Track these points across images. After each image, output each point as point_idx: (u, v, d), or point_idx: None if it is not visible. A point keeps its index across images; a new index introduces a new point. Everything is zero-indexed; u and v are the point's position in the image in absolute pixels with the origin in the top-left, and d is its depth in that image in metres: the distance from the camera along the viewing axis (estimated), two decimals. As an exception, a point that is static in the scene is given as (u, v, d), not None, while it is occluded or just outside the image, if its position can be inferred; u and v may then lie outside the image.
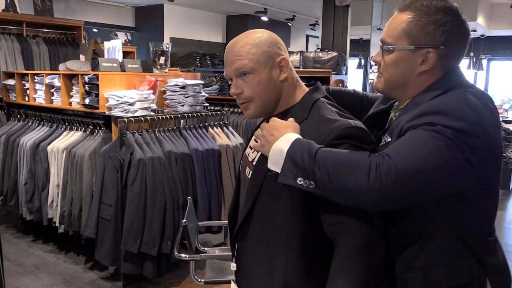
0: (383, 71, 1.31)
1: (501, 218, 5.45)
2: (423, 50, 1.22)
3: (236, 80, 1.33)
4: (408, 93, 1.29)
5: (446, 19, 1.21)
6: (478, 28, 9.37)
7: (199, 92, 3.79)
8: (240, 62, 1.29)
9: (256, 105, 1.33)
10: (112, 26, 8.01)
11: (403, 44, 1.24)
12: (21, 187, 4.11)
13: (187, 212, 2.56)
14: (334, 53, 5.77)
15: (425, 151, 1.09)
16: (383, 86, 1.33)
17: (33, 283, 3.49)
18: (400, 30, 1.25)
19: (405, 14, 1.25)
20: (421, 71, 1.25)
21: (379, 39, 1.35)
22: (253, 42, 1.30)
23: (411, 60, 1.24)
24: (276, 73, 1.32)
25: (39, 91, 4.22)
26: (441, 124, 1.10)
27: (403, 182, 1.08)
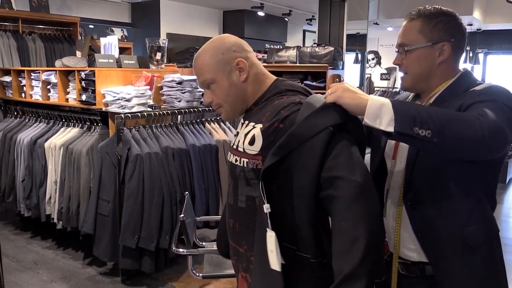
0: (407, 70, 1.51)
1: (498, 212, 5.47)
2: (439, 44, 1.46)
3: (206, 91, 1.46)
4: (433, 83, 1.50)
5: (449, 19, 1.48)
6: (474, 22, 9.37)
7: (196, 88, 3.79)
8: (202, 76, 1.43)
9: (225, 109, 1.45)
10: (108, 22, 7.98)
11: (421, 43, 1.47)
12: (18, 184, 4.12)
13: (185, 207, 2.58)
14: (331, 48, 5.76)
15: (503, 116, 1.28)
16: (410, 83, 1.53)
17: (32, 279, 3.50)
18: (417, 32, 1.48)
19: (416, 21, 1.49)
20: (440, 62, 1.47)
21: (374, 34, 1.63)
22: (209, 55, 1.41)
23: (430, 55, 1.47)
24: (236, 76, 1.41)
25: (35, 88, 4.22)
26: (502, 103, 1.32)
27: (500, 134, 1.25)
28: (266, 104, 1.41)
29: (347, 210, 1.21)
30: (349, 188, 1.21)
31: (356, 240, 1.17)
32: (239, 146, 1.42)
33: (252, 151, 1.36)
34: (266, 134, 1.34)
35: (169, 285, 3.45)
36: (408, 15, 1.54)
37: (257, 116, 1.41)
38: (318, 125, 1.26)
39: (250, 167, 1.37)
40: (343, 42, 6.36)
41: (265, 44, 7.61)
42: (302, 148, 1.27)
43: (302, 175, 1.27)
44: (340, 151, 1.26)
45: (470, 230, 1.45)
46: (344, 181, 1.22)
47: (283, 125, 1.32)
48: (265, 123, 1.35)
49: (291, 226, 1.31)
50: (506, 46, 11.35)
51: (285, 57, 6.02)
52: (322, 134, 1.25)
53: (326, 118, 1.27)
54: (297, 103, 1.34)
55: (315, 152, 1.25)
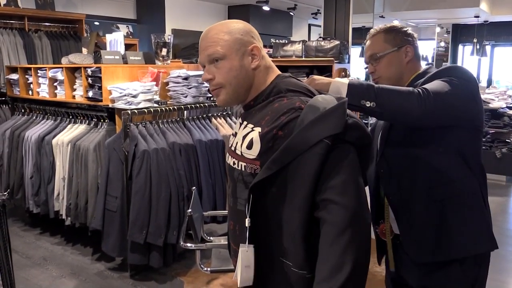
0: (380, 75, 1.80)
1: (505, 205, 5.45)
2: (403, 47, 1.78)
3: (208, 67, 1.35)
4: (405, 79, 1.80)
5: (403, 29, 1.82)
6: (481, 14, 9.29)
7: (202, 83, 3.79)
8: (212, 48, 1.32)
9: (227, 91, 1.35)
10: (113, 18, 7.99)
11: (388, 49, 1.78)
12: (27, 181, 4.15)
13: (192, 202, 2.58)
14: (336, 42, 5.74)
15: (447, 87, 1.57)
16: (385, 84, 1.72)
17: (41, 275, 3.54)
18: (382, 42, 1.79)
19: (378, 35, 1.81)
20: (407, 62, 1.79)
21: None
22: (227, 30, 1.33)
23: (398, 57, 1.79)
24: (248, 61, 1.34)
25: (42, 85, 4.24)
26: (453, 77, 1.61)
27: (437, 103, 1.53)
28: (265, 106, 1.34)
29: (336, 236, 1.16)
30: (341, 214, 1.17)
31: (339, 269, 1.14)
32: (237, 148, 1.36)
33: (250, 156, 1.30)
34: (265, 139, 1.27)
35: (177, 280, 3.46)
36: (368, 35, 1.86)
37: (256, 117, 1.34)
38: (312, 137, 1.19)
39: (248, 171, 1.31)
40: (348, 36, 6.33)
41: (271, 38, 7.59)
42: (297, 162, 1.21)
43: (296, 192, 1.22)
44: (337, 170, 1.20)
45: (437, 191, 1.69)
46: (336, 206, 1.18)
47: (282, 132, 1.25)
48: (264, 127, 1.29)
49: (286, 241, 1.26)
50: (514, 38, 11.25)
51: (290, 52, 6.01)
52: (317, 148, 1.19)
53: (321, 128, 1.20)
54: (297, 108, 1.26)
55: (309, 170, 1.20)
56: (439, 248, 1.68)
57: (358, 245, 1.17)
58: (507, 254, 4.02)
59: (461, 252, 1.68)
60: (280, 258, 1.28)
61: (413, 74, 1.79)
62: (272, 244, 1.29)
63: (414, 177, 1.71)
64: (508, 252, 4.07)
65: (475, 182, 1.71)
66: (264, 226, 1.30)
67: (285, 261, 1.28)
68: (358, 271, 1.17)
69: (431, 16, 10.50)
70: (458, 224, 1.68)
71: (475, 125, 1.69)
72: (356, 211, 1.18)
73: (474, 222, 1.70)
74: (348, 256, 1.15)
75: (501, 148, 6.41)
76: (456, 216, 1.68)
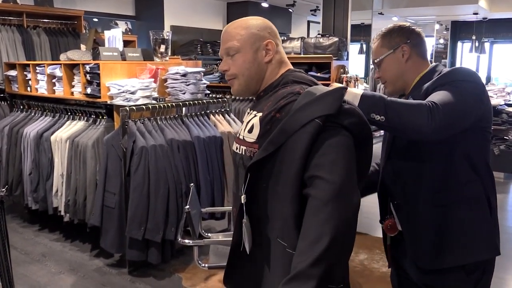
0: (385, 78, 1.82)
1: (503, 202, 5.47)
2: (399, 48, 1.77)
3: (226, 59, 1.45)
4: (409, 79, 1.79)
5: (401, 28, 1.80)
6: (480, 11, 9.30)
7: (200, 80, 3.79)
8: (229, 42, 1.42)
9: (239, 82, 1.44)
10: (112, 15, 7.98)
11: (384, 53, 1.79)
12: (26, 177, 4.15)
13: (190, 198, 2.59)
14: (335, 39, 5.75)
15: (453, 96, 1.55)
16: (391, 87, 1.82)
17: (40, 271, 3.55)
18: (379, 48, 1.81)
19: (377, 41, 1.83)
20: (406, 60, 1.77)
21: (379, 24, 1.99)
22: (245, 25, 1.43)
23: (395, 58, 1.78)
24: (262, 55, 1.42)
25: (41, 82, 4.24)
26: (457, 80, 1.60)
27: (447, 117, 1.50)
28: (271, 94, 1.41)
29: (318, 210, 1.17)
30: (325, 189, 1.18)
31: (317, 241, 1.14)
32: (240, 134, 1.43)
33: (250, 139, 1.37)
34: (264, 122, 1.33)
35: (176, 276, 3.48)
36: (372, 41, 1.90)
37: (261, 105, 1.41)
38: (304, 117, 1.23)
39: (248, 154, 1.37)
40: (347, 33, 6.33)
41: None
42: (290, 142, 1.24)
43: (288, 171, 1.25)
44: (326, 149, 1.22)
45: (441, 196, 1.69)
46: (322, 181, 1.19)
47: (280, 114, 1.31)
48: (264, 112, 1.36)
49: (281, 222, 1.29)
50: (512, 35, 11.26)
51: (289, 48, 6.01)
52: (308, 127, 1.22)
53: (313, 109, 1.24)
54: (295, 93, 1.33)
55: (299, 148, 1.22)
56: (436, 257, 1.69)
57: (340, 219, 1.16)
58: (505, 251, 4.01)
59: (457, 261, 1.68)
60: (277, 239, 1.31)
61: (418, 73, 1.77)
62: (270, 225, 1.33)
63: (419, 183, 1.72)
64: (506, 250, 4.07)
65: (480, 186, 1.69)
66: (262, 207, 1.34)
67: (281, 242, 1.30)
68: (338, 244, 1.16)
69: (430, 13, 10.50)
70: (458, 231, 1.68)
71: (482, 126, 1.67)
72: (341, 187, 1.18)
73: (474, 228, 1.68)
74: (327, 229, 1.14)
75: (499, 145, 6.42)
76: (456, 222, 1.68)
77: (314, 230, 1.16)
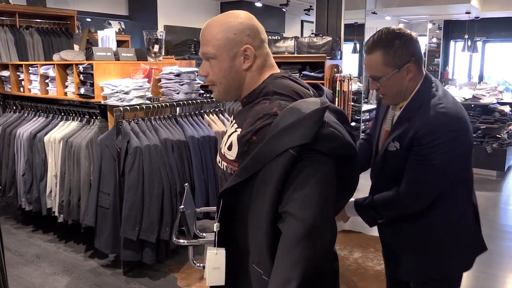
0: (385, 93, 1.77)
1: (496, 199, 5.50)
2: (404, 66, 1.69)
3: (204, 62, 1.36)
4: (408, 92, 1.76)
5: (403, 41, 1.68)
6: (472, 10, 9.34)
7: (194, 80, 3.79)
8: (205, 47, 1.32)
9: (218, 89, 1.36)
10: (105, 15, 7.96)
11: (389, 72, 1.70)
12: (19, 178, 4.14)
13: (184, 198, 2.59)
14: (329, 38, 5.76)
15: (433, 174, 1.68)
16: (391, 101, 1.80)
17: (34, 272, 3.53)
18: (382, 65, 1.69)
19: (376, 54, 1.69)
20: (409, 79, 1.73)
21: (373, 23, 1.87)
22: (221, 27, 1.30)
23: (400, 77, 1.71)
24: (240, 61, 1.31)
25: (34, 82, 4.22)
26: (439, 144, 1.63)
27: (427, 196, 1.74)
28: (252, 107, 1.32)
29: (288, 250, 1.13)
30: (296, 228, 1.13)
31: (287, 283, 1.10)
32: (222, 148, 1.37)
33: (230, 157, 1.30)
34: (241, 142, 1.25)
35: (171, 276, 3.48)
36: (366, 46, 1.75)
37: (241, 118, 1.33)
38: (278, 147, 1.15)
39: (229, 172, 1.31)
40: (341, 32, 6.35)
41: (263, 35, 7.59)
42: (264, 171, 1.18)
43: (262, 202, 1.19)
44: (300, 183, 1.15)
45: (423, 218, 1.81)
46: (292, 219, 1.14)
47: (256, 137, 1.21)
48: (242, 130, 1.27)
49: (257, 249, 1.25)
50: (504, 34, 11.32)
51: (283, 48, 6.02)
52: (282, 159, 1.14)
53: (288, 138, 1.15)
54: (272, 114, 1.21)
55: (272, 180, 1.16)
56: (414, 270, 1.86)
57: (309, 261, 1.12)
58: (497, 248, 4.06)
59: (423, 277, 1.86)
60: (253, 265, 1.27)
61: (417, 84, 1.74)
62: (245, 250, 1.29)
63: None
64: (498, 247, 4.12)
65: (460, 200, 1.80)
66: (236, 231, 1.30)
67: (256, 269, 1.26)
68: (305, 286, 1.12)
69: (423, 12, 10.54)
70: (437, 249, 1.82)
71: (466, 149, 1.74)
72: (313, 226, 1.13)
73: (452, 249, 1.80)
74: (296, 272, 1.11)
75: (491, 143, 6.47)
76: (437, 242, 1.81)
77: (282, 272, 1.13)
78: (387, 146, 1.78)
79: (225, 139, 1.37)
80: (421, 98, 1.73)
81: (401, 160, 1.73)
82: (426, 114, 1.68)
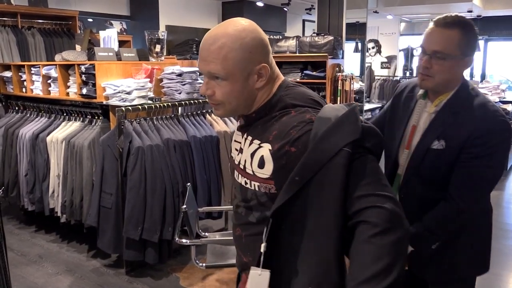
0: (435, 74, 1.62)
1: (499, 198, 5.49)
2: (468, 57, 1.62)
3: (208, 80, 1.22)
4: (449, 88, 1.67)
5: (475, 34, 1.64)
6: (474, 9, 9.32)
7: (196, 79, 3.79)
8: (214, 66, 1.17)
9: (225, 109, 1.24)
10: (107, 15, 7.96)
11: (456, 55, 1.59)
12: (22, 178, 4.14)
13: (187, 198, 2.59)
14: (330, 37, 5.76)
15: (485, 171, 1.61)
16: (432, 85, 1.66)
17: (37, 272, 3.54)
18: (456, 44, 1.58)
19: (454, 31, 1.59)
20: (462, 72, 1.66)
21: (374, 22, 1.78)
22: (233, 45, 1.16)
23: (460, 65, 1.62)
24: (253, 80, 1.21)
25: (36, 83, 4.23)
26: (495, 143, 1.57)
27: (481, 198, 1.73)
28: (270, 120, 1.23)
29: (380, 237, 1.06)
30: (382, 215, 1.07)
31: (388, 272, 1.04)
32: (247, 167, 1.26)
33: (263, 175, 1.20)
34: (276, 156, 1.17)
35: (173, 275, 3.48)
36: (442, 20, 1.61)
37: (261, 132, 1.23)
38: (330, 148, 1.10)
39: (263, 191, 1.22)
40: (342, 31, 6.34)
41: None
42: (319, 178, 1.11)
43: (324, 210, 1.12)
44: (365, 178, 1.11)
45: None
46: (375, 209, 1.08)
47: (295, 148, 1.15)
48: (274, 144, 1.18)
49: (317, 266, 1.15)
50: (507, 33, 11.30)
51: (284, 47, 6.02)
52: (338, 159, 1.10)
53: (338, 136, 1.11)
54: (308, 121, 1.16)
55: (335, 183, 1.10)
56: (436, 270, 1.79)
57: (402, 247, 1.09)
58: (500, 247, 4.06)
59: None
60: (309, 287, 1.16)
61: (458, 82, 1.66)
62: (297, 270, 1.17)
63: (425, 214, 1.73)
64: (501, 246, 4.11)
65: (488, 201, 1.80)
66: (286, 251, 1.19)
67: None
68: (402, 276, 1.06)
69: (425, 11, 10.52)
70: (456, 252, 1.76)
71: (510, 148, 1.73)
72: (396, 212, 1.09)
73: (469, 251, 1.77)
74: (394, 256, 1.05)
75: (494, 142, 6.45)
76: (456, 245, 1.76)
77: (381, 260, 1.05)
78: (431, 145, 1.66)
79: (247, 157, 1.26)
80: (463, 95, 1.65)
81: (446, 160, 1.62)
82: (478, 112, 1.60)
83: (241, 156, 1.30)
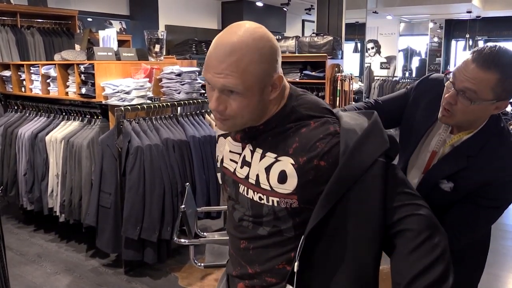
0: (457, 114, 1.46)
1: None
2: (501, 102, 1.43)
3: (219, 95, 1.10)
4: (477, 126, 1.52)
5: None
6: (473, 10, 9.34)
7: (195, 79, 3.80)
8: (232, 80, 1.06)
9: (235, 122, 1.15)
10: (106, 15, 7.96)
11: (487, 99, 1.40)
12: (20, 178, 4.14)
13: (186, 198, 2.59)
14: (330, 38, 5.76)
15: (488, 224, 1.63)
16: (452, 123, 1.53)
17: (36, 271, 3.54)
18: (490, 88, 1.39)
19: (492, 75, 1.37)
20: (490, 114, 1.48)
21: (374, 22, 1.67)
22: (253, 57, 1.05)
23: (488, 109, 1.45)
24: (267, 92, 1.12)
25: (35, 82, 4.23)
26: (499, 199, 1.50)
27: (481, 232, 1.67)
28: (284, 132, 1.16)
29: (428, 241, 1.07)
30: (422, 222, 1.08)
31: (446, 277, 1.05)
32: (261, 182, 1.17)
33: (285, 190, 1.13)
34: (303, 171, 1.11)
35: (172, 275, 3.48)
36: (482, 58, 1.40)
37: (275, 145, 1.16)
38: (364, 160, 1.08)
39: (283, 206, 1.15)
40: (342, 32, 6.35)
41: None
42: (355, 191, 1.08)
43: (363, 223, 1.10)
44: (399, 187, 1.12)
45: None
46: (416, 217, 1.09)
47: (325, 162, 1.09)
48: (296, 158, 1.12)
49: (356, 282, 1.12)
50: (506, 33, 11.31)
51: (284, 47, 6.02)
52: (375, 170, 1.08)
53: (372, 147, 1.09)
54: (333, 134, 1.11)
55: (375, 196, 1.08)
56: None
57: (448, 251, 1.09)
58: (499, 248, 4.06)
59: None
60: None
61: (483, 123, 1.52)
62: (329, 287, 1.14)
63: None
64: (501, 246, 4.12)
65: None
66: (316, 267, 1.15)
67: None
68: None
69: (424, 12, 10.54)
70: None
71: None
72: (432, 217, 1.11)
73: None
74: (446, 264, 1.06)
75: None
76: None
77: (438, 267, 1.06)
78: (439, 183, 1.57)
79: (260, 172, 1.18)
80: (487, 137, 1.51)
81: (451, 200, 1.56)
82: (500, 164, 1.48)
83: (248, 170, 1.21)
